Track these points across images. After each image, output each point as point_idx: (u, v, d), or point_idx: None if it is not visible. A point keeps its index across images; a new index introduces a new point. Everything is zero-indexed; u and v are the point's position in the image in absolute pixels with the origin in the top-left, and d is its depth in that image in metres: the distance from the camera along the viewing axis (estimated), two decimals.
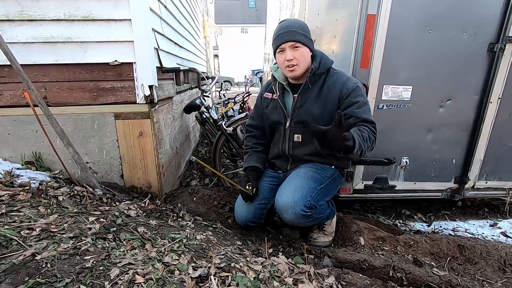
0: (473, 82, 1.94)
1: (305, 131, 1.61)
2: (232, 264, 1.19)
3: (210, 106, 2.95)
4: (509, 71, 1.90)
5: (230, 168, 3.11)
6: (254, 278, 1.13)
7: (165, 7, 2.28)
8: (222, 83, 6.96)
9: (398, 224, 2.22)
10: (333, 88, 1.53)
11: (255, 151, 1.81)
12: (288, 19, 1.54)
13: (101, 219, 1.40)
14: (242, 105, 5.53)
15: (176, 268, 1.10)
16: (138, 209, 1.67)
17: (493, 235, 2.08)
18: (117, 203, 1.69)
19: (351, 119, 1.32)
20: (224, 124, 2.62)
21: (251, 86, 7.29)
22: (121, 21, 1.70)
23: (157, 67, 1.93)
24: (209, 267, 1.13)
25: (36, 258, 1.03)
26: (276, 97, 1.67)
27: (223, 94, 6.14)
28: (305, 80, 1.55)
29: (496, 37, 1.85)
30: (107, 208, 1.57)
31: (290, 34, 1.47)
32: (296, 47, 1.48)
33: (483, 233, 2.11)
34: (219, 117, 2.85)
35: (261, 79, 9.35)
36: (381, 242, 1.75)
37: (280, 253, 1.50)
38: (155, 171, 1.99)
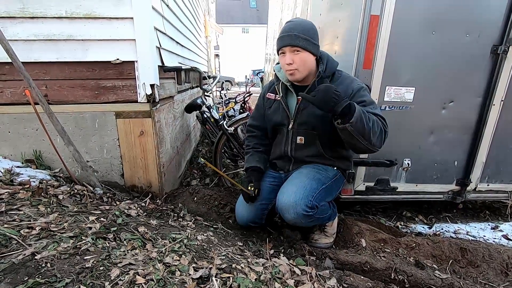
0: (476, 84, 1.93)
1: (308, 133, 1.60)
2: (233, 265, 1.18)
3: (211, 105, 2.94)
4: None
5: (230, 168, 3.10)
6: (255, 279, 1.12)
7: (167, 5, 2.27)
8: (223, 83, 6.95)
9: (400, 226, 2.21)
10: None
11: (257, 151, 1.80)
12: (293, 20, 1.50)
13: (102, 219, 1.39)
14: (243, 105, 5.52)
15: (177, 269, 1.09)
16: (138, 208, 1.66)
17: (495, 238, 2.08)
18: (118, 203, 1.68)
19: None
20: (226, 123, 2.61)
21: (251, 86, 7.27)
22: (123, 19, 1.69)
23: (158, 66, 1.92)
24: (210, 268, 1.12)
25: (35, 257, 1.02)
26: (279, 98, 1.66)
27: (224, 94, 6.13)
28: (309, 82, 1.53)
29: (499, 39, 1.84)
30: (107, 207, 1.56)
31: (290, 39, 1.43)
32: (297, 51, 1.45)
33: (484, 236, 2.10)
34: (220, 116, 2.84)
35: (261, 79, 9.33)
36: (382, 244, 1.74)
37: (281, 254, 1.49)
38: (156, 171, 1.98)
